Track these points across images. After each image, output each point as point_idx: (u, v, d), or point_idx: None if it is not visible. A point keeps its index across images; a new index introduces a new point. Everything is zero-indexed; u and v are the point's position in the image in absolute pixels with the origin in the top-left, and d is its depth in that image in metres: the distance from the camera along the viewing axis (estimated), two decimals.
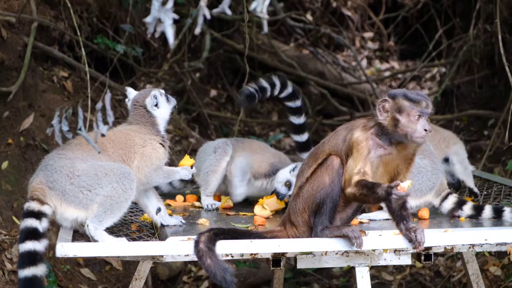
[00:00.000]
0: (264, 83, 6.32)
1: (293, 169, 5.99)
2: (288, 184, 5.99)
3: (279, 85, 6.39)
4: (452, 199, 5.67)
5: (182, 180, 6.49)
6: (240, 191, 6.10)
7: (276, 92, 6.40)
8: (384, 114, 4.67)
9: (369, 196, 4.60)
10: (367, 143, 4.67)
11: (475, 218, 5.60)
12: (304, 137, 6.71)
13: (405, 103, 4.63)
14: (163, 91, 5.53)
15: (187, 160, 5.45)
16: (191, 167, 5.41)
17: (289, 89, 6.47)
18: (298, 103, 6.58)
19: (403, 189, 4.50)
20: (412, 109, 4.62)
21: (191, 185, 6.58)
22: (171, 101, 5.54)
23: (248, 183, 6.16)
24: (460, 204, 5.65)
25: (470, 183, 6.56)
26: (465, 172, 6.59)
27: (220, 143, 6.22)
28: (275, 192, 5.97)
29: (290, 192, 5.94)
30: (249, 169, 6.13)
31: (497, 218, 5.56)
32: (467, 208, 5.62)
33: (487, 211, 5.59)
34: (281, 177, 6.05)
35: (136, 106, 5.48)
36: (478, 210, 5.61)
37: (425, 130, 4.60)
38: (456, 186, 6.68)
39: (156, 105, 5.43)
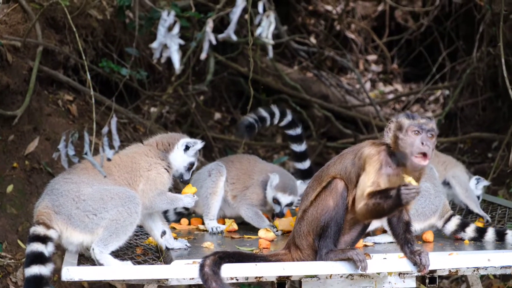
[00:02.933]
0: (263, 112, 6.38)
1: (271, 184, 6.09)
2: (275, 201, 6.10)
3: (278, 114, 6.44)
4: (455, 221, 5.68)
5: (178, 213, 6.51)
6: (265, 222, 6.12)
7: (276, 121, 6.46)
8: (389, 134, 4.73)
9: (382, 203, 4.58)
10: (379, 157, 4.70)
11: (478, 240, 5.60)
12: (306, 164, 6.75)
13: (405, 120, 4.70)
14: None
15: (189, 188, 5.49)
16: (193, 195, 5.45)
17: (289, 117, 6.52)
18: (298, 130, 6.63)
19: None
20: (410, 124, 4.67)
21: (187, 217, 6.55)
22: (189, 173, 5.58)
23: (264, 210, 6.20)
24: (463, 226, 5.65)
25: (473, 206, 6.47)
26: (466, 194, 6.54)
27: (213, 166, 6.24)
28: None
29: (283, 206, 6.06)
30: (257, 207, 6.17)
31: (500, 241, 5.56)
32: (470, 230, 5.63)
33: (490, 233, 5.59)
34: (268, 197, 6.15)
35: (172, 134, 5.56)
36: (480, 232, 5.62)
37: (422, 144, 4.61)
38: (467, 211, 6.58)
39: (186, 149, 5.48)
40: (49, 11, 8.71)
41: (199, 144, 5.52)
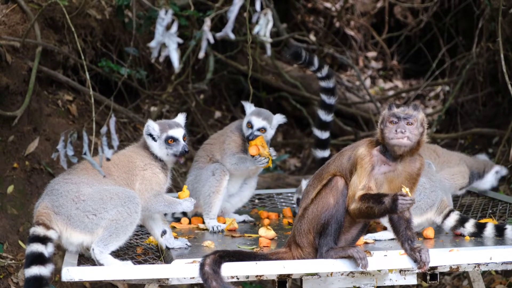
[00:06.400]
0: (315, 60, 6.54)
1: (247, 112, 6.28)
2: (249, 125, 6.21)
3: (325, 72, 6.63)
4: (454, 216, 5.69)
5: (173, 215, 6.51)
6: (249, 159, 6.21)
7: (319, 75, 6.65)
8: (377, 129, 4.81)
9: (374, 208, 4.60)
10: (371, 158, 4.71)
11: (478, 236, 5.60)
12: (325, 134, 6.89)
13: (385, 113, 4.80)
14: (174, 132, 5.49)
15: (183, 192, 5.48)
16: (190, 198, 5.47)
17: (330, 84, 6.68)
18: (332, 100, 6.74)
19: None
20: (387, 115, 4.76)
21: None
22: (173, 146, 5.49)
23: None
24: (462, 221, 5.66)
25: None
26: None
27: (216, 166, 6.23)
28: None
29: (254, 129, 6.19)
30: (238, 153, 6.27)
31: (500, 236, 5.56)
32: (469, 226, 5.63)
33: (489, 229, 5.60)
34: (244, 125, 6.28)
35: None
36: (480, 228, 5.62)
37: (396, 131, 4.66)
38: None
39: (150, 135, 5.42)
40: (48, 11, 8.71)
41: (152, 124, 5.42)
